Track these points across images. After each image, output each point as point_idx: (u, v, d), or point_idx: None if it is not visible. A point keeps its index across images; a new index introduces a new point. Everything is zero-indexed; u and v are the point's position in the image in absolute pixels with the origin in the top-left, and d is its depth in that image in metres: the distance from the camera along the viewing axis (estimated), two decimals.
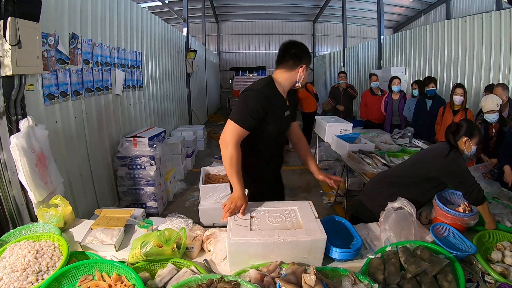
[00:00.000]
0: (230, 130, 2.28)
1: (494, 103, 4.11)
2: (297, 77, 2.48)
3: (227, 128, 2.30)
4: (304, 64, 2.45)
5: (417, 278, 1.76)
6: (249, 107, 2.32)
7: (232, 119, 2.30)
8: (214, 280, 1.65)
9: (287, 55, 2.45)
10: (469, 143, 2.64)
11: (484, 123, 4.37)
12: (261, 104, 2.32)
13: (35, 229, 2.31)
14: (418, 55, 8.63)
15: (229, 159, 2.26)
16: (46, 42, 3.44)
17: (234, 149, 2.26)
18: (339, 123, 5.79)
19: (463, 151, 2.67)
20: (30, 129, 2.75)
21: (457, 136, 2.66)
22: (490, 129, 4.31)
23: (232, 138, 2.27)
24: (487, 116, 4.18)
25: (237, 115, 2.30)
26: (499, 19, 5.81)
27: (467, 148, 2.66)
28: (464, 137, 2.64)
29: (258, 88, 2.39)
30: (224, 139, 2.28)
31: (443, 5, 16.12)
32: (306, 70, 2.49)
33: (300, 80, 2.50)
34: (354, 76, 13.30)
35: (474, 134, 2.65)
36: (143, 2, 11.68)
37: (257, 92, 2.36)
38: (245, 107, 2.32)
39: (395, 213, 2.28)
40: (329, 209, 5.49)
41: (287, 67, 2.46)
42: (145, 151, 5.01)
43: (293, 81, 2.51)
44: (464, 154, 2.68)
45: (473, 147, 2.67)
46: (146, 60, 6.75)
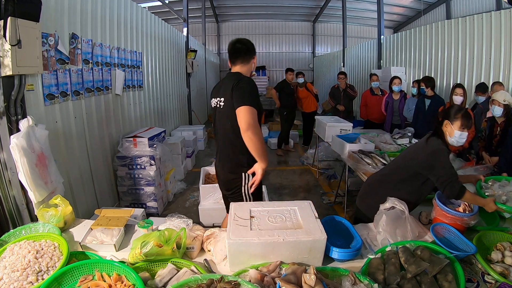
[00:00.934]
0: (254, 115, 2.54)
1: (502, 97, 4.12)
2: (252, 68, 2.94)
3: (249, 115, 2.51)
4: (254, 56, 2.93)
5: (417, 278, 1.76)
6: (255, 93, 2.70)
7: (247, 104, 2.53)
8: (214, 280, 1.65)
9: (241, 51, 2.86)
10: (450, 126, 2.59)
11: (490, 121, 4.38)
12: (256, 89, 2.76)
13: (35, 229, 2.31)
14: (418, 55, 8.62)
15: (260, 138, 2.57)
16: (46, 42, 3.44)
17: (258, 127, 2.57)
18: (339, 123, 5.79)
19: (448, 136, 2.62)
20: (30, 129, 2.76)
21: (440, 122, 2.67)
22: (495, 127, 4.31)
23: (255, 120, 2.54)
24: (493, 107, 4.19)
25: (251, 101, 2.56)
26: (499, 19, 5.81)
27: (449, 132, 2.60)
28: (444, 120, 2.62)
29: (247, 78, 2.78)
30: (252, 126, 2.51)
31: (443, 5, 16.11)
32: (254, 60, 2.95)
33: (254, 69, 2.97)
34: (354, 76, 13.29)
35: (454, 116, 2.58)
36: (143, 2, 11.67)
37: (250, 80, 2.76)
38: (254, 94, 2.67)
39: (386, 213, 2.29)
40: (329, 209, 5.49)
41: (245, 61, 2.87)
42: (145, 151, 5.00)
43: (250, 72, 2.93)
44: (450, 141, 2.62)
45: (456, 132, 2.56)
46: (146, 60, 6.75)
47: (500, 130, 4.22)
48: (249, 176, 2.79)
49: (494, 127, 4.31)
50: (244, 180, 2.81)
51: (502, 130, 4.19)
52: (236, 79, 2.71)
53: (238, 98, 2.58)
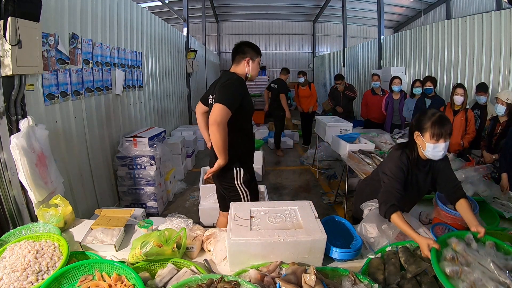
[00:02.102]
0: (221, 112, 2.59)
1: (505, 96, 4.14)
2: (245, 69, 2.97)
3: (217, 111, 2.59)
4: (248, 57, 2.95)
5: (417, 278, 1.76)
6: (235, 92, 2.73)
7: (220, 101, 2.61)
8: (214, 280, 1.65)
9: (234, 51, 3.03)
10: (421, 138, 2.27)
11: (492, 120, 4.39)
12: (242, 91, 2.80)
13: (35, 229, 2.32)
14: (418, 55, 8.61)
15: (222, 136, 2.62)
16: (46, 42, 3.44)
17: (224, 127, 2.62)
18: (339, 123, 5.79)
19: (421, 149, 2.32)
20: (30, 129, 2.76)
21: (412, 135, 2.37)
22: (497, 126, 4.32)
23: (223, 119, 2.59)
24: (496, 105, 4.21)
25: (225, 99, 2.63)
26: (499, 19, 5.80)
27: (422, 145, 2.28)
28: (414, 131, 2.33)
29: (235, 78, 2.86)
30: (216, 122, 2.57)
31: (443, 5, 16.10)
32: (253, 63, 2.99)
33: (249, 72, 2.98)
34: (354, 76, 13.29)
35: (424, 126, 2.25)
36: (143, 2, 11.66)
37: (237, 80, 2.83)
38: (231, 92, 2.71)
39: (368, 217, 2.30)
40: (329, 209, 5.49)
41: (235, 61, 3.01)
42: (145, 151, 5.00)
43: (244, 73, 2.98)
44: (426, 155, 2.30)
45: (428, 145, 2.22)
46: (146, 60, 6.75)
47: (501, 129, 4.24)
48: (241, 169, 2.94)
49: (496, 125, 4.33)
50: (236, 173, 2.94)
51: (503, 129, 4.20)
52: (225, 77, 2.88)
53: (217, 95, 2.73)
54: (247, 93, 2.92)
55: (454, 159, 4.09)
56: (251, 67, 2.98)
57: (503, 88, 5.66)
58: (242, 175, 2.94)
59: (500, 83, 5.78)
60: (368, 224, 2.22)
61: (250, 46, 3.00)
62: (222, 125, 2.58)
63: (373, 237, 2.16)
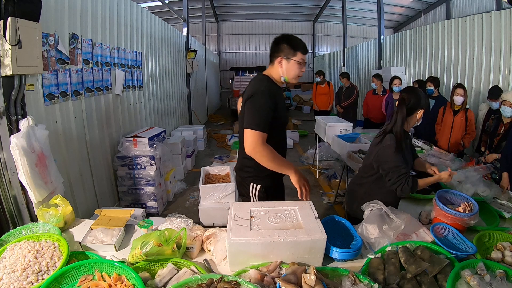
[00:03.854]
0: (253, 138, 2.31)
1: None
2: (279, 71, 2.50)
3: (248, 138, 2.32)
4: (280, 56, 2.46)
5: (417, 278, 1.76)
6: (260, 110, 2.34)
7: (249, 126, 2.31)
8: (214, 280, 1.65)
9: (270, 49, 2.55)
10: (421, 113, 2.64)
11: (496, 120, 4.38)
12: (268, 102, 2.35)
13: (35, 229, 2.31)
14: (418, 55, 8.63)
15: (268, 157, 2.34)
16: (46, 42, 3.44)
17: (265, 148, 2.32)
18: (339, 123, 5.79)
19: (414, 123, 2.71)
20: (30, 129, 2.75)
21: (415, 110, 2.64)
22: (500, 126, 4.31)
23: (256, 144, 2.30)
24: (503, 107, 4.19)
25: (252, 122, 2.32)
26: (499, 19, 5.80)
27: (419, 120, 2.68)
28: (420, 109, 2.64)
29: (260, 90, 2.38)
30: (252, 149, 2.32)
31: (443, 5, 16.11)
32: (288, 62, 2.46)
33: (284, 74, 2.50)
34: (355, 76, 13.28)
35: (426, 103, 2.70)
36: (143, 2, 11.68)
37: (261, 94, 2.37)
38: (259, 112, 2.34)
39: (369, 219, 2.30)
40: (329, 209, 5.49)
41: (270, 61, 2.55)
42: (145, 151, 5.01)
43: (278, 75, 2.53)
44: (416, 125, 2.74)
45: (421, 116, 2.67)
46: (146, 60, 6.76)
47: (504, 130, 4.23)
48: (257, 186, 2.63)
49: (499, 125, 4.32)
50: (252, 189, 2.66)
51: (506, 130, 4.19)
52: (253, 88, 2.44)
53: (246, 115, 2.38)
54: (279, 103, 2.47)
55: (454, 159, 4.09)
56: (286, 68, 2.48)
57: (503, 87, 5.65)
58: (257, 190, 2.64)
59: (500, 83, 5.78)
60: (369, 225, 2.22)
61: (287, 41, 2.47)
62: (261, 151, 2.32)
63: (373, 237, 2.16)
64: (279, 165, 2.39)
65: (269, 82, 2.50)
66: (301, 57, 2.46)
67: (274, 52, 2.51)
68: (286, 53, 2.44)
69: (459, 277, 1.71)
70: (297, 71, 2.49)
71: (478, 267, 1.76)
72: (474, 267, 1.77)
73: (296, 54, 2.45)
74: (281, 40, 2.48)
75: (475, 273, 1.72)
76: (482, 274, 1.72)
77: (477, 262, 1.80)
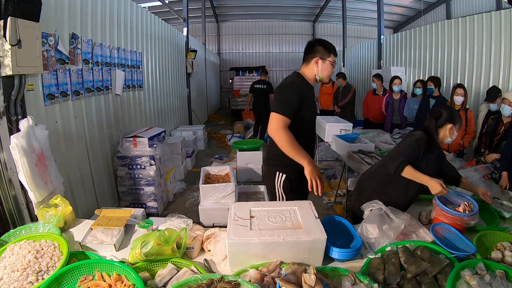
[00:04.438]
0: (275, 121, 2.55)
1: None
2: (315, 70, 2.75)
3: (272, 120, 2.57)
4: (317, 56, 2.72)
5: (417, 278, 1.76)
6: (286, 97, 2.63)
7: (274, 110, 2.57)
8: (214, 280, 1.65)
9: (306, 50, 2.80)
10: (453, 129, 2.67)
11: (495, 120, 4.37)
12: (295, 94, 2.62)
13: (35, 229, 2.31)
14: (418, 55, 8.63)
15: (286, 141, 2.52)
16: (46, 42, 3.44)
17: (284, 132, 2.53)
18: (339, 123, 5.79)
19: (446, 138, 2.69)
20: (30, 129, 2.75)
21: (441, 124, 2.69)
22: (500, 126, 4.30)
23: (277, 126, 2.53)
24: (502, 105, 4.18)
25: (277, 107, 2.58)
26: (499, 19, 5.80)
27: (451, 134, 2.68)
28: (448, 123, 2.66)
29: (289, 81, 2.75)
30: (272, 131, 2.57)
31: (443, 5, 16.10)
32: (323, 63, 2.73)
33: (318, 73, 2.75)
34: (354, 76, 13.28)
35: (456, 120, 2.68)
36: (143, 2, 11.67)
37: (289, 84, 2.71)
38: (283, 97, 2.64)
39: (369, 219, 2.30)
40: (329, 209, 5.49)
41: (305, 61, 2.81)
42: (145, 151, 5.00)
43: (313, 74, 2.78)
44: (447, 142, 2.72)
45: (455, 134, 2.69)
46: (146, 60, 6.76)
47: (504, 129, 4.22)
48: (283, 175, 2.84)
49: (498, 125, 4.31)
50: (277, 177, 2.86)
51: (506, 130, 4.19)
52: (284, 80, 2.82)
53: (274, 102, 2.69)
54: (306, 97, 2.71)
55: (454, 159, 4.09)
56: (321, 67, 2.75)
57: (503, 87, 5.65)
58: (283, 180, 2.84)
59: (500, 83, 5.78)
60: (369, 225, 2.23)
61: (322, 44, 2.76)
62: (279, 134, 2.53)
63: (373, 237, 2.16)
64: (294, 151, 2.54)
65: (300, 79, 2.80)
66: (334, 59, 2.78)
67: (309, 53, 2.77)
68: (322, 54, 2.73)
69: (459, 277, 1.71)
70: (330, 71, 2.80)
71: (478, 267, 1.76)
72: (474, 267, 1.77)
73: (330, 56, 2.75)
74: (316, 43, 2.77)
75: (475, 273, 1.73)
76: (482, 274, 1.72)
77: (477, 262, 1.80)
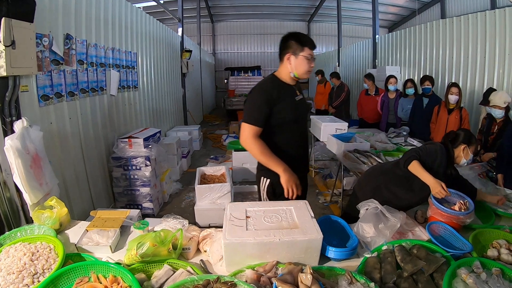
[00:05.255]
0: (245, 131, 2.48)
1: (502, 99, 4.15)
2: (289, 67, 2.56)
3: (242, 131, 2.51)
4: (289, 52, 2.52)
5: (414, 277, 1.77)
6: (253, 106, 2.51)
7: (243, 120, 2.51)
8: (211, 281, 1.65)
9: (279, 48, 2.61)
10: (467, 150, 2.69)
11: (488, 119, 4.40)
12: (263, 100, 2.48)
13: (30, 231, 2.30)
14: (413, 54, 8.65)
15: (257, 151, 2.47)
16: (41, 42, 3.42)
17: (254, 142, 2.47)
18: (334, 122, 5.80)
19: (461, 158, 2.71)
20: (24, 131, 2.74)
21: (455, 144, 2.73)
22: (493, 125, 4.33)
23: (247, 136, 2.47)
24: (493, 110, 4.22)
25: (246, 116, 2.50)
26: (493, 18, 5.83)
27: (465, 155, 2.70)
28: (462, 144, 2.70)
29: (257, 87, 2.59)
30: (243, 141, 2.51)
31: (437, 4, 16.19)
32: (296, 58, 2.51)
33: (293, 70, 2.55)
34: (350, 76, 13.31)
35: (472, 142, 2.71)
36: (138, 2, 11.63)
37: (257, 91, 2.56)
38: (251, 106, 2.52)
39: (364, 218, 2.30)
40: (325, 208, 5.50)
41: (280, 59, 2.61)
42: (140, 152, 4.99)
43: (287, 72, 2.59)
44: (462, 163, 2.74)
45: (471, 155, 2.71)
46: (141, 60, 6.74)
47: (498, 129, 4.25)
48: (267, 180, 2.70)
49: (492, 125, 4.34)
50: (262, 183, 2.74)
51: (500, 129, 4.22)
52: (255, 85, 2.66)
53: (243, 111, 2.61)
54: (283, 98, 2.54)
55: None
56: (294, 64, 2.52)
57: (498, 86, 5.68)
58: (266, 185, 2.70)
59: (495, 82, 5.81)
60: (365, 224, 2.23)
61: (293, 38, 2.52)
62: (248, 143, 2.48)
63: (369, 236, 2.16)
64: (267, 160, 2.49)
65: (272, 81, 2.62)
66: (309, 52, 2.51)
67: (282, 49, 2.56)
68: (294, 49, 2.50)
69: (455, 276, 1.71)
70: (306, 66, 2.53)
71: (474, 265, 1.77)
72: (470, 265, 1.78)
73: (304, 50, 2.49)
74: (289, 37, 2.54)
75: (471, 271, 1.73)
76: (478, 272, 1.73)
77: (473, 260, 1.81)
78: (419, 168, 2.55)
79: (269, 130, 2.56)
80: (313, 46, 2.55)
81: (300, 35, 2.54)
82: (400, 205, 2.60)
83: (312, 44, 2.54)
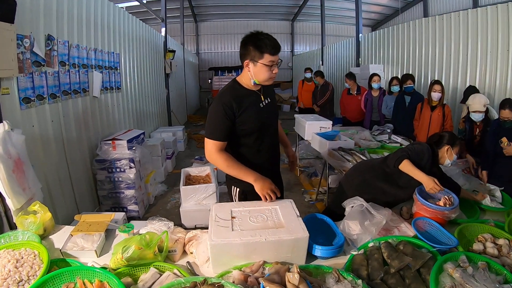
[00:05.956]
0: (208, 146, 2.39)
1: (481, 103, 4.20)
2: (249, 74, 2.34)
3: (205, 146, 2.41)
4: (247, 59, 2.29)
5: (401, 273, 1.78)
6: (213, 120, 2.37)
7: (206, 136, 2.40)
8: (198, 283, 1.64)
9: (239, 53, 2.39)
10: (450, 151, 2.78)
11: (469, 122, 4.45)
12: (223, 113, 2.30)
13: (14, 237, 2.26)
14: (396, 52, 8.73)
15: (223, 166, 2.38)
16: (22, 44, 3.37)
17: (219, 157, 2.36)
18: (318, 121, 5.82)
19: (445, 159, 2.81)
20: (6, 134, 2.69)
21: (440, 145, 2.81)
22: (475, 128, 4.40)
23: (211, 151, 2.37)
24: (473, 115, 4.29)
25: (207, 131, 2.39)
26: (475, 16, 5.90)
27: (449, 156, 2.79)
28: (446, 145, 2.79)
29: (217, 99, 2.40)
30: (208, 157, 2.41)
31: (420, 3, 16.37)
32: (255, 66, 2.28)
33: (253, 77, 2.33)
34: (333, 74, 13.37)
35: (455, 143, 2.81)
36: (121, 2, 11.53)
37: (216, 103, 2.36)
38: (211, 121, 2.38)
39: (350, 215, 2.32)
40: (311, 207, 5.52)
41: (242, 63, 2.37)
42: (124, 154, 4.95)
43: (248, 78, 2.38)
44: (446, 163, 2.83)
45: (454, 156, 2.80)
46: (124, 61, 6.68)
47: (480, 131, 4.32)
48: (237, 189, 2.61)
49: (473, 128, 4.40)
50: (233, 192, 2.66)
51: (482, 131, 4.28)
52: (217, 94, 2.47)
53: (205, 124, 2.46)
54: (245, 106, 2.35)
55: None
56: (254, 71, 2.30)
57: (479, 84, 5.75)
58: (237, 194, 2.62)
59: (477, 79, 5.89)
60: (351, 221, 2.24)
61: (252, 42, 2.24)
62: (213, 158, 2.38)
63: (355, 233, 2.18)
64: (237, 172, 2.40)
65: (233, 89, 2.42)
66: (270, 59, 2.24)
67: (241, 54, 2.33)
68: (253, 56, 2.26)
69: (442, 270, 1.73)
70: (267, 74, 2.30)
71: (461, 260, 1.79)
72: (456, 259, 1.80)
73: (263, 57, 2.23)
74: (247, 41, 2.27)
75: (457, 265, 1.75)
76: (464, 266, 1.75)
77: (459, 254, 1.83)
78: (410, 166, 2.60)
79: (234, 141, 2.45)
80: (275, 51, 2.25)
81: (258, 40, 2.23)
82: (387, 201, 2.64)
83: (274, 49, 2.23)
